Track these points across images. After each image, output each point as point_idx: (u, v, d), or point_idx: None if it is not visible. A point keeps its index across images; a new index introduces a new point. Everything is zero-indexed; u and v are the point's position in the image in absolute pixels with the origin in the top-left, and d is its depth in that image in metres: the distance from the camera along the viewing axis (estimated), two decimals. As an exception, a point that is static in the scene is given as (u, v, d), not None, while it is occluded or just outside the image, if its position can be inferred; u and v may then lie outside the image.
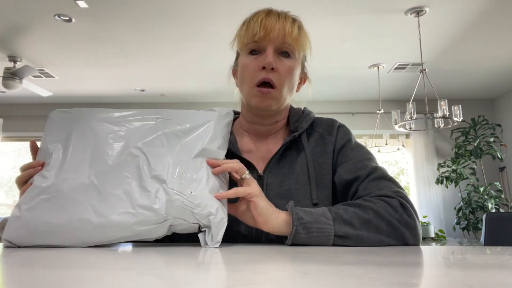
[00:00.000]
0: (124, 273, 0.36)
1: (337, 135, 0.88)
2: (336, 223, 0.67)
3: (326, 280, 0.33)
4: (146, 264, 0.41)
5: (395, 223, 0.69)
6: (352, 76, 4.53)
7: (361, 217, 0.68)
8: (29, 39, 3.60)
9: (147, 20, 3.26)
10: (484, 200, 4.47)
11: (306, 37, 0.83)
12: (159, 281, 0.32)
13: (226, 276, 0.35)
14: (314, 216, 0.67)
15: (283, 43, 0.77)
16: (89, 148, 0.66)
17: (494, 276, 0.35)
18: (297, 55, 0.81)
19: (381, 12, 3.12)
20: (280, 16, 0.79)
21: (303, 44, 0.81)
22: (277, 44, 0.77)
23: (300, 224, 0.65)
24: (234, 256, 0.50)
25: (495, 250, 0.61)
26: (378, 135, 4.68)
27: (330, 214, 0.68)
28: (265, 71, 0.77)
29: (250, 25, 0.78)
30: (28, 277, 0.34)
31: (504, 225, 2.09)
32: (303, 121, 0.88)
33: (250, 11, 0.83)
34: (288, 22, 0.78)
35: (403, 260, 0.47)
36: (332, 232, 0.66)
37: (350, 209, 0.69)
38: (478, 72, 4.42)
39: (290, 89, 0.81)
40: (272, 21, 0.77)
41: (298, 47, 0.80)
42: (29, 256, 0.50)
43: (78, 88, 4.98)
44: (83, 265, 0.42)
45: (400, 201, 0.72)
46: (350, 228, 0.67)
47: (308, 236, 0.65)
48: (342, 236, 0.67)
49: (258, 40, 0.77)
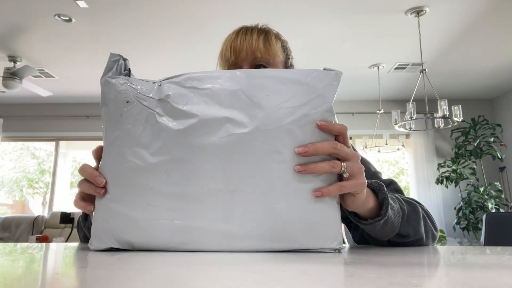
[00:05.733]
0: (124, 273, 0.36)
1: None
2: (404, 221, 0.65)
3: (326, 280, 0.33)
4: (146, 264, 0.41)
5: (432, 230, 0.71)
6: (352, 76, 4.53)
7: (416, 218, 0.67)
8: (29, 39, 3.60)
9: (147, 20, 3.26)
10: (484, 200, 4.47)
11: (277, 42, 0.87)
12: (160, 281, 0.32)
13: (226, 276, 0.35)
14: (395, 210, 0.63)
15: (254, 58, 0.84)
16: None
17: (494, 276, 0.35)
18: (273, 62, 0.85)
19: (381, 12, 3.12)
20: (247, 33, 0.85)
21: (274, 52, 0.85)
22: (250, 61, 0.84)
23: (385, 215, 0.61)
24: (234, 256, 0.50)
25: (495, 250, 0.61)
26: (378, 135, 4.68)
27: (401, 211, 0.64)
28: None
29: (223, 53, 0.86)
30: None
31: (504, 225, 2.09)
32: None
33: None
34: (254, 37, 0.84)
35: (403, 260, 0.47)
36: (397, 230, 0.63)
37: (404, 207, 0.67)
38: (478, 72, 4.42)
39: None
40: (239, 43, 0.84)
41: (270, 57, 0.84)
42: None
43: (78, 88, 4.98)
44: (84, 265, 0.42)
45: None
46: (410, 228, 0.65)
47: (382, 229, 0.62)
48: (402, 235, 0.65)
49: (233, 63, 0.85)
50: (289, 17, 3.20)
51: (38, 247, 0.63)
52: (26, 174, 9.79)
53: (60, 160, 5.68)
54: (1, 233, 4.64)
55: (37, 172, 9.92)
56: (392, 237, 0.64)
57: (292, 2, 2.98)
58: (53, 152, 5.68)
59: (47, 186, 9.20)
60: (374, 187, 0.63)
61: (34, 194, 9.84)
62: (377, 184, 0.63)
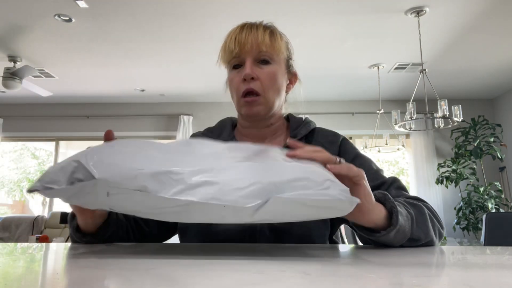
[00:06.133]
0: (124, 273, 0.36)
1: (341, 147, 0.89)
2: (413, 225, 0.66)
3: (326, 280, 0.33)
4: (146, 264, 0.41)
5: (439, 228, 0.72)
6: (352, 76, 4.53)
7: (424, 220, 0.68)
8: (29, 39, 3.60)
9: (147, 20, 3.26)
10: (484, 200, 4.47)
11: (282, 39, 0.87)
12: (159, 281, 0.32)
13: (226, 276, 0.35)
14: (404, 216, 0.64)
15: (259, 52, 0.83)
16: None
17: (494, 276, 0.35)
18: (277, 59, 0.85)
19: (381, 12, 3.12)
20: (252, 28, 0.84)
21: (279, 47, 0.85)
22: (254, 54, 0.83)
23: (396, 224, 0.62)
24: (233, 256, 0.50)
25: (495, 250, 0.61)
26: (378, 135, 4.68)
27: (409, 215, 0.66)
28: (247, 82, 0.82)
29: (227, 45, 0.85)
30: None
31: (504, 225, 2.09)
32: (303, 128, 0.91)
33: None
34: (260, 32, 0.83)
35: (403, 260, 0.47)
36: (409, 235, 0.64)
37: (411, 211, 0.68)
38: (478, 72, 4.42)
39: (276, 93, 0.85)
40: (244, 35, 0.83)
41: (274, 52, 0.84)
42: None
43: (78, 88, 4.98)
44: (84, 265, 0.42)
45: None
46: (420, 232, 0.67)
47: (395, 237, 0.63)
48: (413, 240, 0.66)
49: (236, 56, 0.83)
50: (289, 17, 3.20)
51: (38, 247, 0.63)
52: (27, 174, 9.79)
53: (60, 160, 5.67)
54: (1, 233, 4.64)
55: (38, 173, 9.92)
56: (404, 242, 0.65)
57: (292, 2, 2.98)
58: (53, 152, 5.68)
59: (47, 186, 9.16)
60: (379, 197, 0.64)
61: (34, 194, 9.82)
62: (381, 194, 0.65)
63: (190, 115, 5.47)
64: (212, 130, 0.96)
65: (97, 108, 5.61)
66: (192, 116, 5.48)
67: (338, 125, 5.33)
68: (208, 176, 0.48)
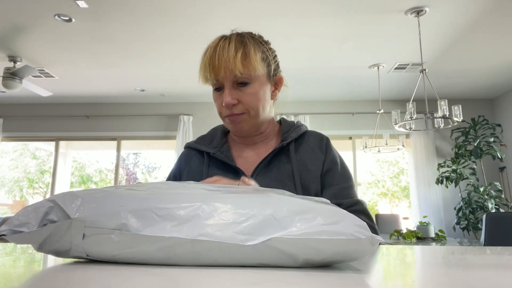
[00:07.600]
0: (124, 273, 0.36)
1: (327, 151, 0.92)
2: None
3: (326, 280, 0.33)
4: (146, 264, 0.41)
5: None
6: (352, 76, 4.53)
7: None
8: (29, 39, 3.60)
9: (147, 20, 3.26)
10: (484, 200, 4.47)
11: (256, 53, 0.82)
12: (160, 281, 0.32)
13: (226, 276, 0.35)
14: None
15: (234, 76, 0.81)
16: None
17: (494, 276, 0.35)
18: (255, 76, 0.83)
19: (381, 12, 3.12)
20: (224, 49, 0.80)
21: (253, 67, 0.81)
22: (230, 78, 0.81)
23: None
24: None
25: (495, 250, 0.61)
26: (378, 135, 4.68)
27: None
28: (228, 107, 0.83)
29: (202, 71, 0.83)
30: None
31: (504, 225, 2.09)
32: (293, 131, 0.93)
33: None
34: (231, 54, 0.79)
35: (403, 260, 0.47)
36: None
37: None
38: (478, 72, 4.42)
39: (262, 106, 0.85)
40: (217, 61, 0.80)
41: (250, 72, 0.81)
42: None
43: (78, 88, 4.98)
44: (84, 265, 0.42)
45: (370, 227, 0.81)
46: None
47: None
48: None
49: (215, 81, 0.83)
50: (289, 17, 3.20)
51: (38, 247, 0.63)
52: (27, 174, 9.79)
53: (60, 160, 5.68)
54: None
55: (38, 173, 9.92)
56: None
57: (292, 2, 2.98)
58: (53, 152, 5.68)
59: (47, 187, 9.20)
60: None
61: (34, 194, 9.84)
62: None
63: (190, 115, 5.47)
64: (203, 138, 0.98)
65: (97, 108, 5.61)
66: (192, 116, 5.48)
67: (338, 125, 5.33)
68: (196, 209, 0.43)
